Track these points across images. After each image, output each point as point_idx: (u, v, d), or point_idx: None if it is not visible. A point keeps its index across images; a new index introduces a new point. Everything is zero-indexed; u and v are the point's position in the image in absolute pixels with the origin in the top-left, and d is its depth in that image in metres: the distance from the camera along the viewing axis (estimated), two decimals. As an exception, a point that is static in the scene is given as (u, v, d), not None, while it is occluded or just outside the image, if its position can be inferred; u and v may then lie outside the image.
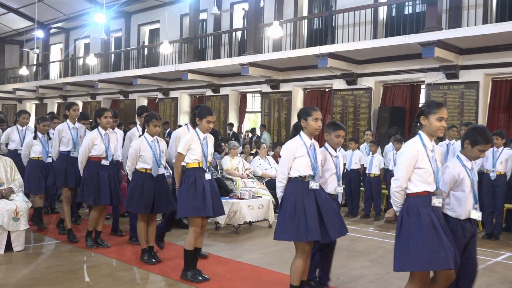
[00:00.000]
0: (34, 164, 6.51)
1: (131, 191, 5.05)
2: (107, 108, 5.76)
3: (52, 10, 19.09)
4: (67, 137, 6.15)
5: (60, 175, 6.04)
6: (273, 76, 13.34)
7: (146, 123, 5.05)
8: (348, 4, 11.70)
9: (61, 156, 6.17)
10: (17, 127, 7.62)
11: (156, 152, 5.00)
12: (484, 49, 9.63)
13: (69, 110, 6.28)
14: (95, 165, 5.57)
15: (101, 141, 5.58)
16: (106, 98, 19.70)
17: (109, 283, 4.51)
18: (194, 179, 4.45)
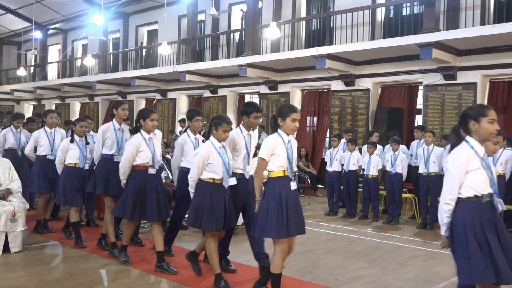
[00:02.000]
0: (70, 171, 5.81)
1: (197, 205, 4.33)
2: (152, 109, 5.02)
3: (50, 11, 19.07)
4: (111, 139, 5.47)
5: (101, 181, 5.41)
6: (271, 77, 13.34)
7: (214, 127, 4.35)
8: (346, 5, 11.72)
9: (103, 160, 5.50)
10: (45, 129, 6.57)
11: (225, 160, 4.35)
12: (481, 50, 9.65)
13: (117, 109, 5.55)
14: (141, 175, 4.85)
15: (147, 147, 4.86)
16: (104, 99, 19.67)
17: (108, 284, 4.50)
18: (279, 191, 3.81)
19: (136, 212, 4.79)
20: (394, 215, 8.28)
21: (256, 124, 4.66)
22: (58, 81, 19.75)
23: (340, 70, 11.51)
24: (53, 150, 6.37)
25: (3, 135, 7.45)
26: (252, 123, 4.62)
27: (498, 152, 7.08)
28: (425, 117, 10.58)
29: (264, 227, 3.78)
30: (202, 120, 5.28)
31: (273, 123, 3.99)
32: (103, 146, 5.51)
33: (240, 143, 4.64)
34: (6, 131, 7.49)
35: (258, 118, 4.57)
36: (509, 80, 9.88)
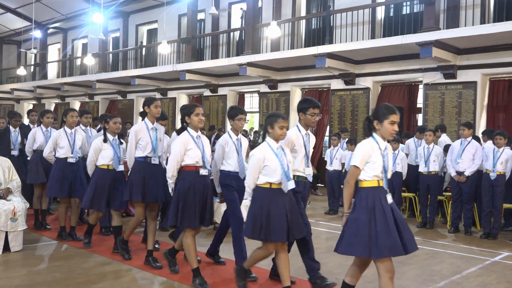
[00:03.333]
0: (103, 173, 5.38)
1: (254, 214, 3.87)
2: (198, 104, 4.58)
3: (50, 10, 19.06)
4: (145, 140, 4.96)
5: (137, 188, 4.89)
6: (271, 76, 13.33)
7: (270, 126, 3.93)
8: (346, 4, 11.72)
9: (138, 164, 5.00)
10: (65, 130, 6.07)
11: (283, 162, 3.88)
12: (481, 49, 9.65)
13: (149, 106, 5.03)
14: (191, 177, 4.38)
15: (195, 145, 4.40)
16: (104, 98, 19.68)
17: (108, 283, 4.50)
18: (372, 204, 3.37)
19: (186, 218, 4.30)
20: (394, 214, 8.26)
21: (314, 122, 4.32)
22: (58, 80, 19.75)
23: (340, 69, 11.50)
24: (74, 152, 6.00)
25: (32, 135, 6.76)
26: (309, 120, 4.27)
27: (499, 151, 7.09)
28: (425, 116, 10.58)
29: (352, 243, 3.37)
30: (245, 119, 4.81)
31: (367, 126, 3.56)
32: (136, 148, 5.01)
33: (298, 143, 4.33)
34: (36, 131, 6.80)
35: (315, 115, 4.21)
36: (509, 79, 9.87)
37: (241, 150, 4.70)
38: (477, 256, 6.00)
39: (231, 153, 4.66)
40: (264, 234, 3.82)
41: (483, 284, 4.88)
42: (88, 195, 5.39)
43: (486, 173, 7.19)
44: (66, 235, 6.05)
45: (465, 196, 7.39)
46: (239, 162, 4.67)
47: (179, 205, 4.30)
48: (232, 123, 4.74)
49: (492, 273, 5.27)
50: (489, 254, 6.10)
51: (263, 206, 3.85)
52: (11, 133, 7.55)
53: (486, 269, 5.44)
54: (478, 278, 5.06)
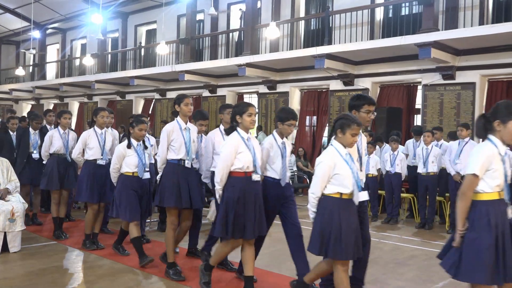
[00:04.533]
0: (127, 181, 5.04)
1: (321, 228, 3.45)
2: (251, 104, 4.17)
3: (49, 10, 19.04)
4: (178, 141, 4.64)
5: (171, 192, 4.56)
6: (270, 77, 13.34)
7: (340, 129, 3.50)
8: (345, 5, 11.73)
9: (171, 166, 4.65)
10: (95, 130, 5.73)
11: (354, 170, 3.52)
12: (480, 50, 9.66)
13: (179, 104, 4.71)
14: (241, 183, 3.99)
15: (246, 148, 4.02)
16: (103, 98, 19.66)
17: (107, 284, 4.50)
18: (495, 221, 2.94)
19: (237, 230, 3.94)
20: (393, 214, 8.29)
21: (368, 120, 3.89)
22: (57, 81, 19.73)
23: (339, 70, 11.51)
24: (104, 154, 5.65)
25: (49, 137, 6.30)
26: (364, 118, 3.85)
27: None
28: (423, 117, 10.59)
29: (474, 269, 2.93)
30: (295, 125, 4.43)
31: (483, 126, 3.09)
32: (168, 150, 4.68)
33: None
34: (53, 133, 6.35)
35: (370, 112, 3.84)
36: (507, 80, 9.89)
37: (286, 155, 4.35)
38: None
39: (276, 157, 4.29)
40: (333, 251, 3.40)
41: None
42: (116, 203, 5.06)
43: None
44: (91, 244, 5.67)
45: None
46: (283, 168, 4.31)
47: (229, 216, 3.92)
48: (281, 126, 4.32)
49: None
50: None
51: (332, 219, 3.42)
52: (30, 136, 7.11)
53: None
54: (476, 279, 5.05)
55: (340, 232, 3.40)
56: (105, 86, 17.62)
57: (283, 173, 4.31)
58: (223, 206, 3.98)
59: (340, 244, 3.39)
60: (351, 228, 3.44)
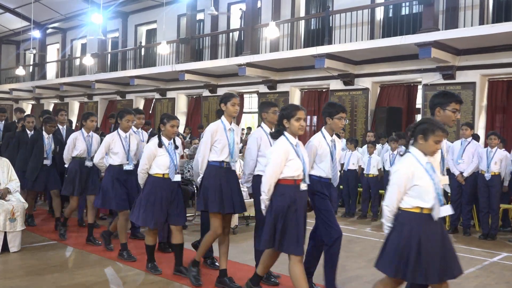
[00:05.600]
0: (158, 183, 4.60)
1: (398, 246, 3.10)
2: (301, 107, 3.89)
3: (49, 10, 19.04)
4: (222, 142, 4.36)
5: (214, 196, 4.29)
6: (270, 77, 13.33)
7: (423, 135, 3.11)
8: (345, 5, 11.72)
9: (212, 169, 4.38)
10: (119, 133, 5.37)
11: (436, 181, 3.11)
12: (480, 49, 9.66)
13: (225, 104, 4.40)
14: (291, 192, 3.68)
15: (295, 154, 3.71)
16: (103, 98, 19.66)
17: (107, 283, 4.50)
18: None
19: (287, 242, 3.65)
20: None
21: (454, 120, 3.49)
22: (57, 81, 19.74)
23: (339, 70, 11.51)
24: (129, 159, 5.34)
25: (72, 140, 6.00)
26: (449, 117, 3.45)
27: (492, 151, 7.14)
28: (424, 117, 10.58)
29: None
30: (345, 118, 4.18)
31: None
32: (210, 151, 4.39)
33: None
34: (76, 136, 6.03)
35: (457, 111, 3.45)
36: (508, 80, 9.88)
37: (335, 153, 4.13)
38: (476, 256, 6.00)
39: (325, 156, 4.07)
40: (413, 274, 3.00)
41: (482, 284, 4.88)
42: (141, 208, 4.60)
43: (481, 174, 7.22)
44: (129, 255, 5.24)
45: (465, 196, 7.40)
46: (333, 167, 4.09)
47: (278, 226, 3.63)
48: (330, 121, 4.11)
49: (491, 274, 5.27)
50: (488, 255, 6.11)
51: (412, 237, 3.02)
52: (44, 140, 6.54)
53: (485, 269, 5.45)
54: (477, 278, 5.07)
55: (420, 252, 2.99)
56: (105, 86, 17.62)
57: (334, 173, 4.09)
58: (271, 216, 3.66)
59: (420, 266, 2.98)
60: (434, 248, 3.02)
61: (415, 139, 3.15)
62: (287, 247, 3.63)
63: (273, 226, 3.64)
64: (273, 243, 3.65)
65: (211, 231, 4.36)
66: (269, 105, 4.63)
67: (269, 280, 4.51)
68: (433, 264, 2.99)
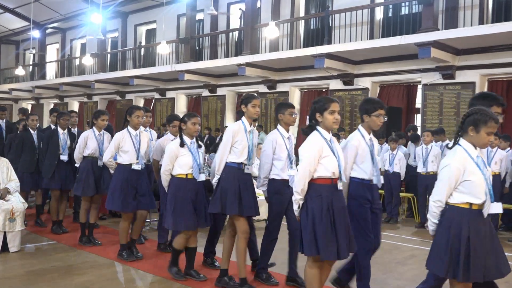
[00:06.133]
0: (181, 185, 4.43)
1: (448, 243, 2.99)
2: (334, 99, 3.54)
3: (48, 10, 19.04)
4: (242, 143, 4.22)
5: (233, 198, 4.13)
6: (270, 77, 13.33)
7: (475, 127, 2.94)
8: (344, 5, 11.73)
9: (231, 170, 4.23)
10: (129, 131, 5.17)
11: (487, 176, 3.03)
12: (480, 49, 9.66)
13: (246, 105, 4.28)
14: (328, 192, 3.40)
15: (330, 151, 3.44)
16: (103, 98, 19.66)
17: (106, 283, 4.50)
18: None
19: (326, 247, 3.33)
20: (392, 214, 8.28)
21: None
22: (57, 81, 19.73)
23: (338, 70, 11.51)
24: (139, 158, 5.14)
25: (84, 139, 5.83)
26: None
27: (492, 151, 7.14)
28: (423, 117, 10.59)
29: None
30: (383, 115, 3.95)
31: None
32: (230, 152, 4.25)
33: None
34: (88, 134, 5.87)
35: (499, 114, 3.26)
36: (507, 80, 9.89)
37: (375, 153, 3.93)
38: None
39: (365, 156, 3.86)
40: (464, 272, 2.90)
41: (481, 284, 4.88)
42: (168, 212, 4.44)
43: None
44: (128, 254, 5.17)
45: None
46: (374, 168, 3.89)
47: (316, 231, 3.34)
48: (368, 119, 3.91)
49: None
50: (488, 255, 6.10)
51: (461, 234, 2.91)
52: (59, 135, 6.37)
53: (485, 269, 5.44)
54: (476, 278, 5.06)
55: (470, 251, 2.90)
56: (104, 86, 17.62)
57: (376, 174, 3.89)
58: (308, 220, 3.37)
59: (469, 264, 2.89)
60: (483, 247, 2.91)
61: (464, 131, 2.98)
62: (327, 253, 3.33)
63: (312, 231, 3.35)
64: (317, 250, 3.33)
65: (240, 236, 4.21)
66: (285, 106, 4.45)
67: (269, 280, 4.51)
68: (481, 263, 2.90)
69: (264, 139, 4.64)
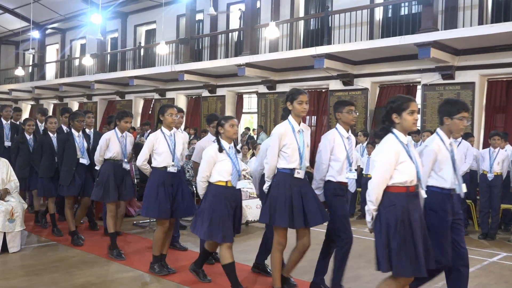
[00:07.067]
0: (219, 193, 4.09)
1: None
2: (411, 98, 3.22)
3: (48, 10, 19.05)
4: (292, 146, 3.89)
5: (282, 208, 3.83)
6: (270, 77, 13.34)
7: None
8: (344, 5, 11.73)
9: (282, 177, 3.93)
10: (163, 131, 4.77)
11: None
12: (479, 50, 9.66)
13: (292, 102, 3.96)
14: (405, 201, 3.10)
15: (407, 156, 3.12)
16: (103, 98, 19.66)
17: (106, 284, 4.50)
18: None
19: (406, 263, 3.02)
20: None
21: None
22: (56, 81, 19.74)
23: (338, 70, 11.51)
24: (175, 160, 4.75)
25: (105, 141, 5.45)
26: None
27: (495, 151, 7.14)
28: (423, 117, 10.59)
29: None
30: (468, 119, 3.58)
31: None
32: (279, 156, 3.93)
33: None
34: (110, 136, 5.49)
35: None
36: (507, 80, 9.89)
37: (456, 159, 3.54)
38: (475, 256, 6.00)
39: (445, 162, 3.49)
40: None
41: (481, 284, 4.88)
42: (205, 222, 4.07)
43: (483, 174, 7.22)
44: (160, 268, 4.75)
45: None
46: (456, 176, 3.51)
47: (391, 244, 3.04)
48: (449, 122, 3.53)
49: (491, 274, 5.27)
50: (487, 255, 6.11)
51: None
52: (75, 138, 5.99)
53: (484, 269, 5.45)
54: (476, 278, 5.07)
55: None
56: (104, 86, 17.62)
57: (458, 183, 3.52)
58: (382, 232, 3.08)
59: None
60: None
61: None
62: (399, 267, 3.03)
63: (388, 243, 3.05)
64: (391, 266, 3.05)
65: (275, 246, 3.95)
66: (343, 104, 4.14)
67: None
68: None
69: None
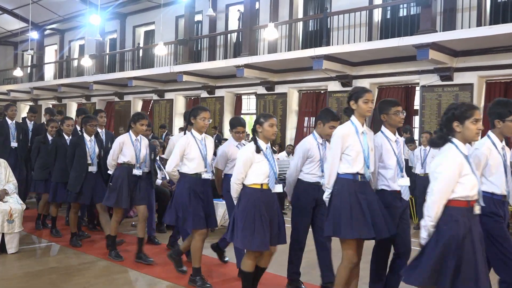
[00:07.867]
0: (256, 197, 3.77)
1: None
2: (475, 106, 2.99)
3: (47, 11, 19.04)
4: (355, 149, 3.55)
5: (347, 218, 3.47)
6: (268, 78, 13.34)
7: None
8: (343, 6, 11.74)
9: (345, 183, 3.57)
10: (193, 135, 4.45)
11: None
12: (478, 51, 9.68)
13: (356, 101, 3.67)
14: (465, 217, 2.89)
15: (470, 169, 2.91)
16: (101, 99, 19.65)
17: (104, 285, 4.49)
18: None
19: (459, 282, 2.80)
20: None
21: None
22: (55, 82, 19.72)
23: (337, 71, 11.52)
24: (207, 166, 4.44)
25: (119, 144, 5.17)
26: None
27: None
28: (422, 118, 10.61)
29: None
30: None
31: None
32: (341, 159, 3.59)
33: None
34: (124, 139, 5.21)
35: None
36: (505, 81, 9.91)
37: (508, 164, 3.38)
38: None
39: (496, 167, 3.32)
40: None
41: None
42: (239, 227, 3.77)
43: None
44: (203, 282, 4.37)
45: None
46: (508, 181, 3.35)
47: (448, 262, 2.79)
48: (501, 124, 3.36)
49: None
50: (486, 256, 6.10)
51: None
52: (86, 143, 5.69)
53: (483, 270, 5.44)
54: None
55: None
56: (103, 87, 17.61)
57: (510, 189, 3.38)
58: (437, 247, 2.82)
59: None
60: None
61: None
62: None
63: (441, 261, 2.80)
64: (437, 281, 2.81)
65: (345, 262, 3.55)
66: (389, 104, 3.77)
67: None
68: None
69: None
